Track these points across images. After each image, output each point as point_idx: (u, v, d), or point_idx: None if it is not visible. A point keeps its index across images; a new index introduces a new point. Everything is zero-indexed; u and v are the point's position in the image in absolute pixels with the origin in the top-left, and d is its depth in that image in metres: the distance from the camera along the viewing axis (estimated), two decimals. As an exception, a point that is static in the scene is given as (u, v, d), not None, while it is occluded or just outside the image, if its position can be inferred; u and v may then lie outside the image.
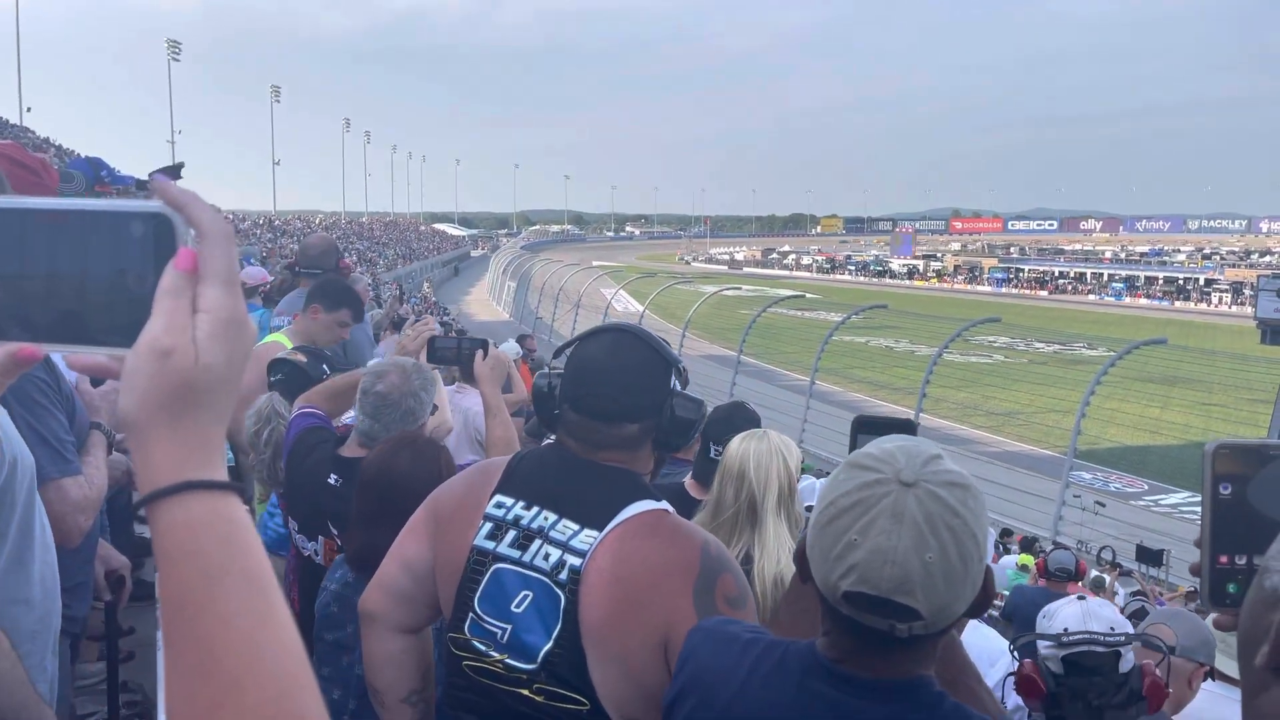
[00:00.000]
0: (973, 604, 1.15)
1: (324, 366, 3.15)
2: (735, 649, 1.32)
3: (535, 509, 1.67)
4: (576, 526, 1.63)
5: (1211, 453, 0.99)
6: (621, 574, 1.58)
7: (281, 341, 3.78)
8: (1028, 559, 9.93)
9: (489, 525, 1.69)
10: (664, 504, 1.69)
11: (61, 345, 0.69)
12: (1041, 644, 2.27)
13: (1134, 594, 9.84)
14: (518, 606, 1.63)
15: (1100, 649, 2.20)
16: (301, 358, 3.13)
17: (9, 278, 0.68)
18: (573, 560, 1.61)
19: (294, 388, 3.04)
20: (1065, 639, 2.22)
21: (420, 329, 3.21)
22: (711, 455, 2.82)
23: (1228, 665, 2.79)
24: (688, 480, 3.10)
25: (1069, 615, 2.30)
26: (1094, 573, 9.55)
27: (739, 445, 2.46)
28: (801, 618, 1.47)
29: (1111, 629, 2.25)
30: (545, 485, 1.70)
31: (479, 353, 2.92)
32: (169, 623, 0.63)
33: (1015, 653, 2.42)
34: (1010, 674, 2.32)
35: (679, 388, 1.76)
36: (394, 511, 2.30)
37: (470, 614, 1.66)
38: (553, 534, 1.64)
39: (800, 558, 1.24)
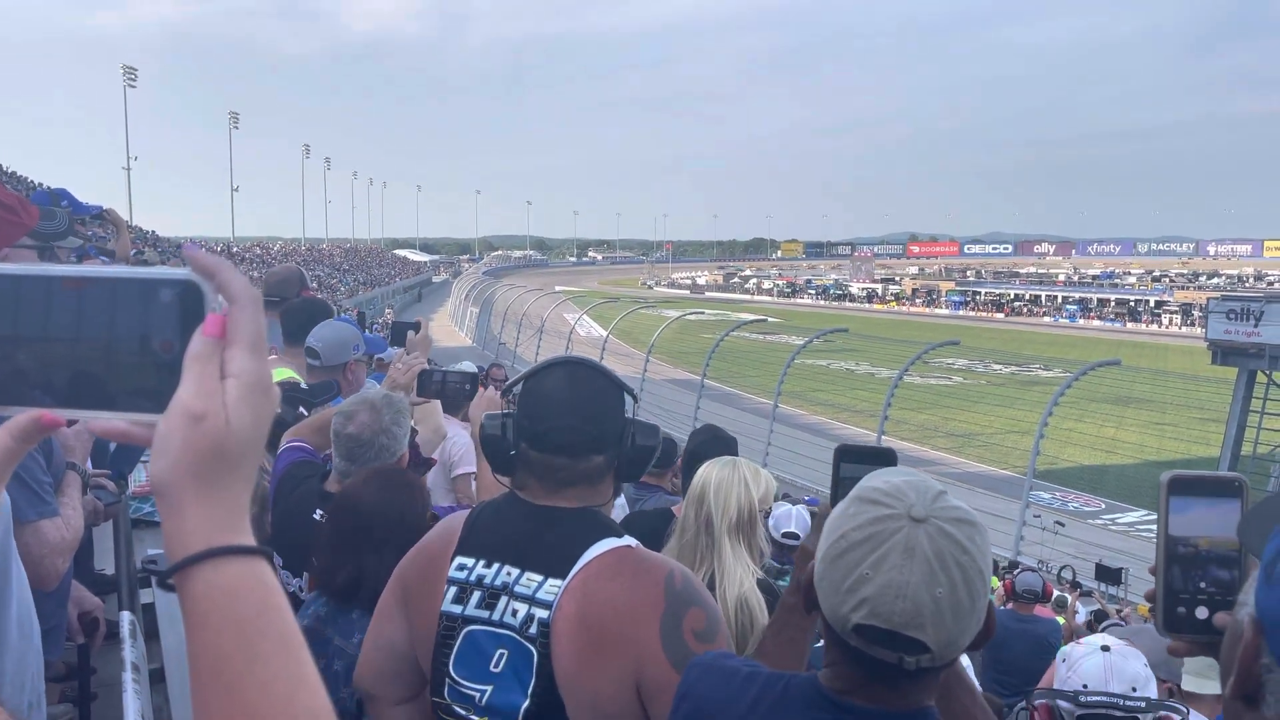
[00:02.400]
0: (976, 637, 1.17)
1: (300, 410, 3.11)
2: (735, 682, 1.31)
3: (496, 565, 1.65)
4: (540, 578, 1.61)
5: (1166, 483, 1.03)
6: (588, 620, 1.56)
7: (289, 375, 3.68)
8: (993, 580, 10.03)
9: (454, 589, 1.67)
10: (626, 539, 1.66)
11: (85, 410, 0.68)
12: (1060, 700, 2.18)
13: (1094, 613, 9.97)
14: (495, 666, 1.61)
15: (1119, 714, 2.08)
16: None
17: (34, 342, 0.67)
18: (540, 613, 1.58)
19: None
20: (1082, 699, 2.11)
21: (411, 363, 3.15)
22: None
23: (1191, 683, 2.83)
24: (678, 507, 3.12)
25: (1090, 670, 2.17)
26: (1056, 592, 9.68)
27: (705, 470, 2.52)
28: (788, 647, 1.48)
29: (1133, 689, 2.11)
30: (504, 540, 1.67)
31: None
32: (203, 689, 0.62)
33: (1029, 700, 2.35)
34: None
35: (634, 414, 1.74)
36: (363, 541, 2.30)
37: (446, 679, 1.65)
38: (517, 589, 1.62)
39: (808, 589, 1.25)
